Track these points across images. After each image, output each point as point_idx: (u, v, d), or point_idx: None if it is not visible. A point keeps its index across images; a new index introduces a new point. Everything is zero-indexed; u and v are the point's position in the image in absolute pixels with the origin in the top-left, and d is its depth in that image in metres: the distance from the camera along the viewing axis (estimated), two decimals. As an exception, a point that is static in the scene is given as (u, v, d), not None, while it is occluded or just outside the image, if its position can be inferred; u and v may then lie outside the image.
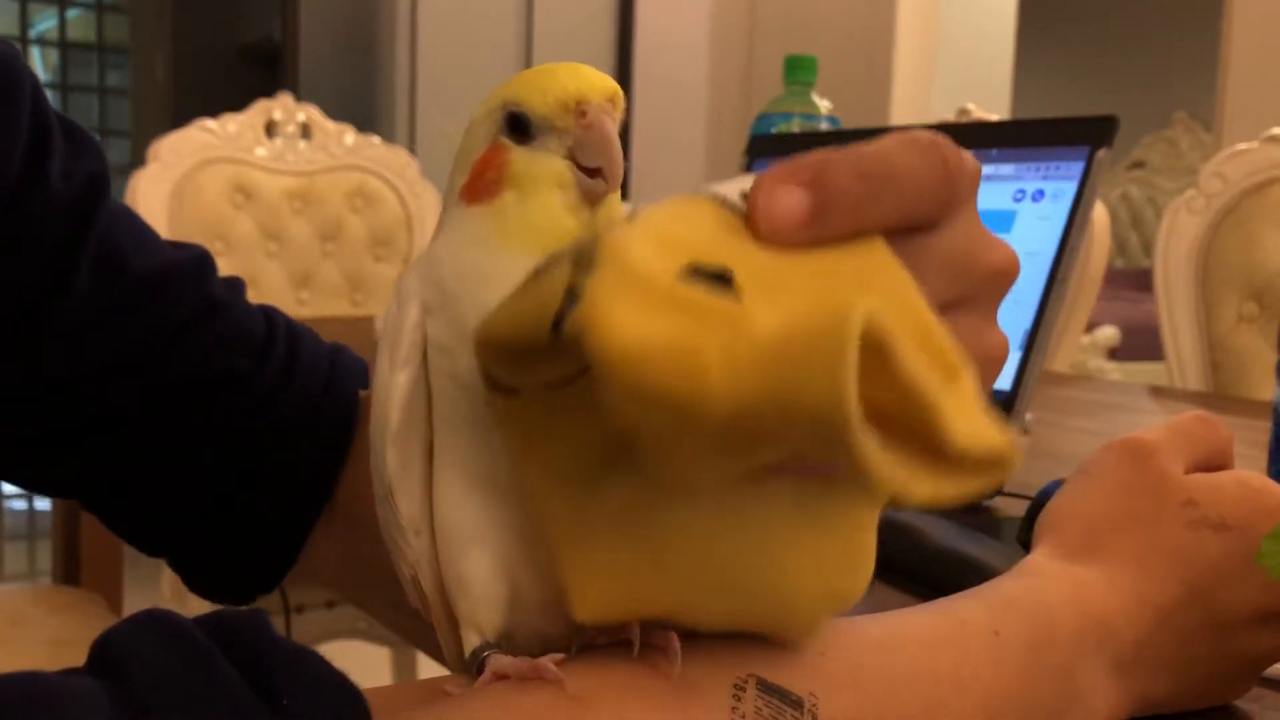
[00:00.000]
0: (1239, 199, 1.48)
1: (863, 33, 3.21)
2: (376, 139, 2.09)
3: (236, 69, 4.04)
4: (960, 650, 0.34)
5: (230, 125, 1.98)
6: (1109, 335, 3.51)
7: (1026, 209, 0.74)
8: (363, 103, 3.18)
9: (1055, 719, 0.35)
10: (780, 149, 0.92)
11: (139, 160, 1.92)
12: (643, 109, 3.32)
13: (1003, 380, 0.70)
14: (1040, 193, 0.74)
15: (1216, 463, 0.43)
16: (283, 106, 2.02)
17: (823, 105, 1.16)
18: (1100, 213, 1.65)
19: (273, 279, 2.02)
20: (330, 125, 2.05)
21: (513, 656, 0.30)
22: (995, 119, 1.57)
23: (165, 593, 1.59)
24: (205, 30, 4.36)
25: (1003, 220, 0.74)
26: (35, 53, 4.86)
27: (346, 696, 0.26)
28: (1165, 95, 5.67)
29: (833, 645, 0.32)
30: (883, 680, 0.32)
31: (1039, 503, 0.44)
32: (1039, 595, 0.37)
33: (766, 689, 0.30)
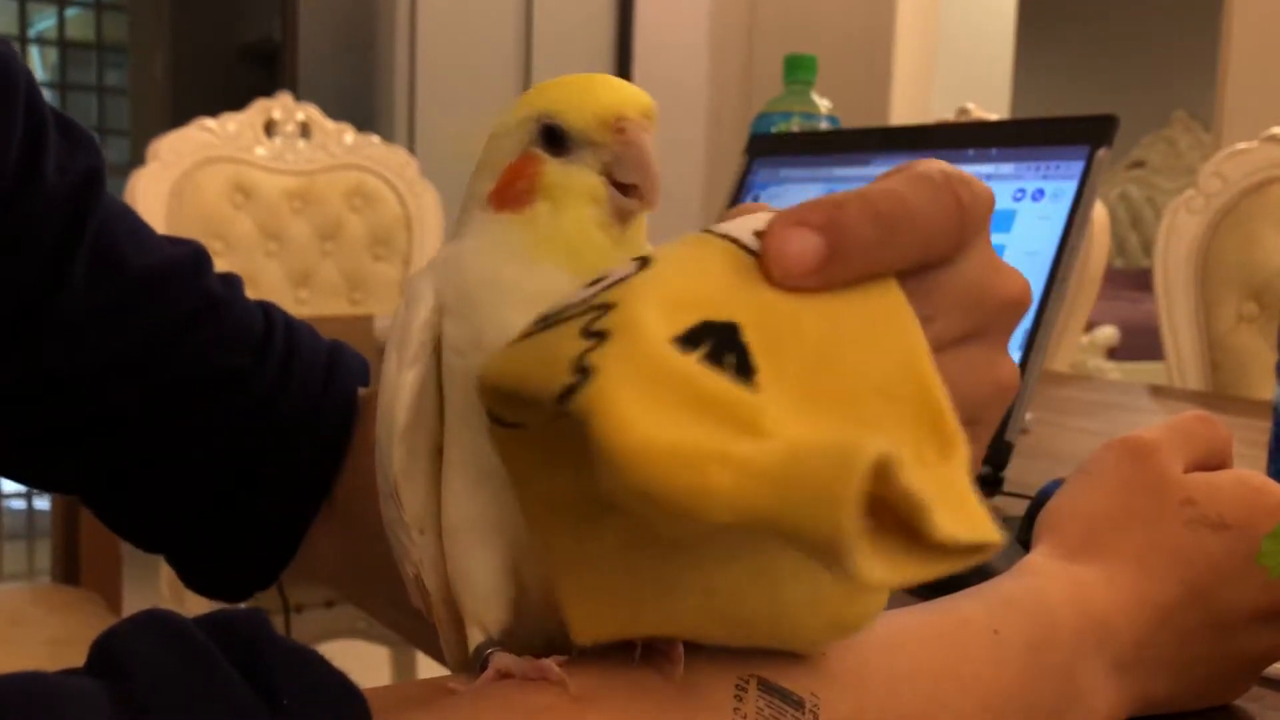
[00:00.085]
0: (1238, 198, 1.48)
1: (862, 32, 3.21)
2: (376, 138, 2.09)
3: (236, 68, 4.04)
4: (960, 650, 0.34)
5: (230, 124, 1.98)
6: (1108, 335, 3.51)
7: (1026, 208, 0.74)
8: (362, 102, 3.18)
9: (1055, 718, 0.35)
10: (780, 148, 0.92)
11: (138, 159, 1.92)
12: (642, 108, 3.31)
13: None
14: (1040, 192, 0.74)
15: (1216, 462, 0.43)
16: (282, 106, 2.02)
17: (822, 104, 1.16)
18: (1099, 212, 1.65)
19: (272, 278, 2.01)
20: (329, 125, 2.05)
21: (516, 655, 0.30)
22: (995, 118, 1.57)
23: (164, 592, 1.59)
24: (204, 29, 4.36)
25: (1002, 220, 0.74)
26: (34, 52, 4.86)
27: (346, 696, 0.26)
28: (1165, 95, 5.67)
29: (834, 645, 0.32)
30: (883, 679, 0.32)
31: (1039, 502, 0.44)
32: (1039, 594, 0.37)
33: (768, 689, 0.30)
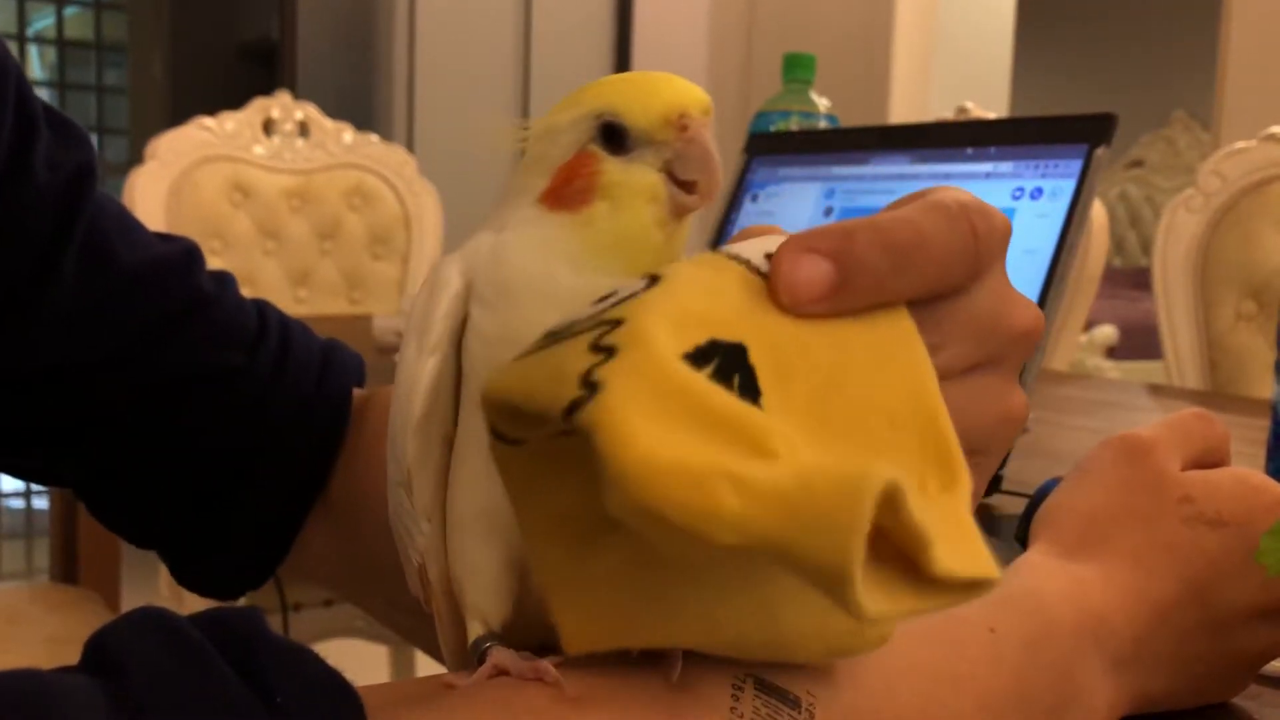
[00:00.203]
0: (1237, 197, 1.48)
1: (861, 31, 3.21)
2: (374, 137, 2.09)
3: (234, 67, 4.04)
4: (957, 648, 0.34)
5: (228, 123, 1.97)
6: (1107, 334, 3.51)
7: (1025, 207, 0.74)
8: (361, 101, 3.18)
9: (1053, 716, 0.35)
10: (778, 147, 0.92)
11: (137, 158, 1.92)
12: (641, 107, 3.32)
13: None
14: (1039, 191, 0.73)
15: (1213, 460, 0.43)
16: (281, 105, 2.02)
17: (821, 103, 1.16)
18: (1098, 211, 1.65)
19: (271, 277, 2.01)
20: (328, 123, 2.05)
21: (514, 651, 0.30)
22: (994, 117, 1.57)
23: (163, 591, 1.59)
24: (203, 28, 4.36)
25: (1001, 218, 0.74)
26: (33, 51, 4.86)
27: (341, 694, 0.26)
28: (1164, 94, 5.67)
29: None
30: (880, 678, 0.32)
31: (1036, 500, 0.43)
32: (1036, 592, 0.37)
33: (764, 688, 0.30)
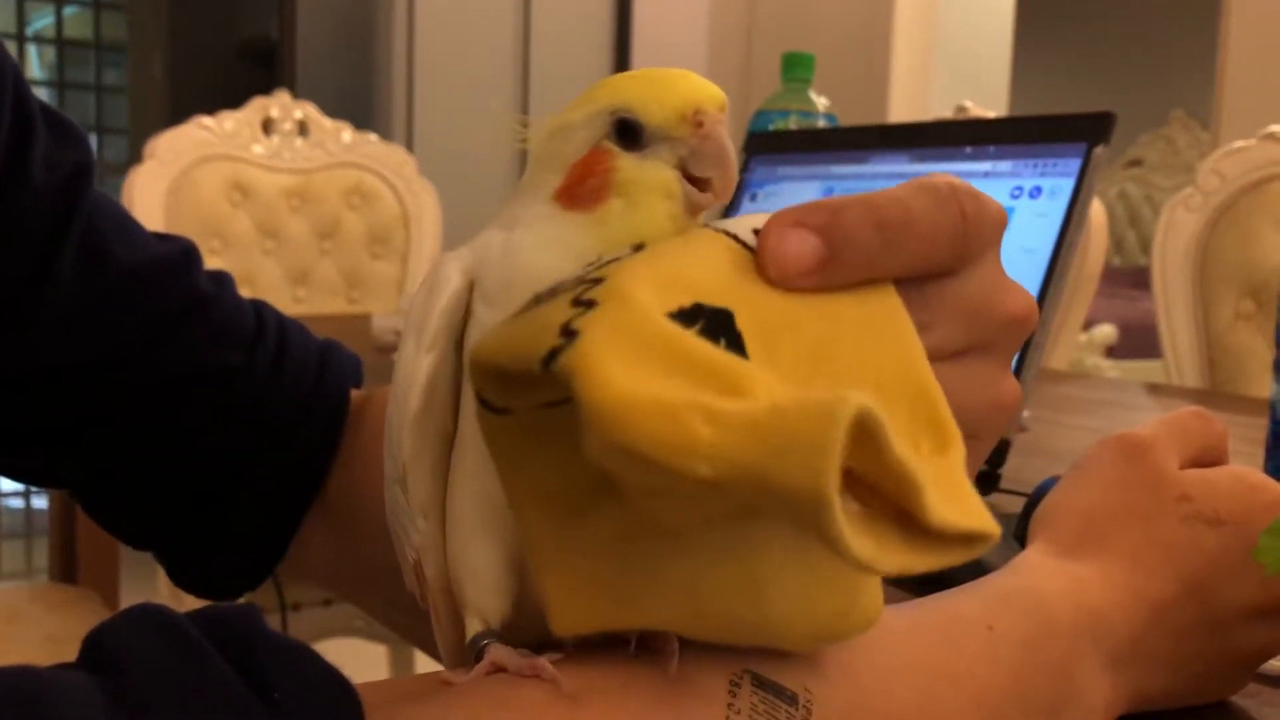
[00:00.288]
0: (1236, 196, 1.48)
1: (860, 30, 3.21)
2: (374, 136, 2.09)
3: (234, 66, 4.04)
4: (955, 646, 0.34)
5: (227, 123, 1.97)
6: (1107, 333, 3.51)
7: (1024, 206, 0.74)
8: (360, 100, 3.18)
9: (1051, 715, 0.35)
10: (777, 146, 0.92)
11: (136, 158, 1.92)
12: (641, 106, 3.32)
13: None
14: (1037, 190, 0.73)
15: (1212, 458, 0.43)
16: (280, 104, 2.02)
17: (820, 102, 1.16)
18: (1097, 210, 1.65)
19: (270, 277, 2.01)
20: (327, 123, 2.05)
21: (512, 648, 0.30)
22: (993, 116, 1.57)
23: (162, 590, 1.59)
24: (202, 28, 4.36)
25: (1000, 217, 0.74)
26: (32, 50, 4.86)
27: (339, 691, 0.26)
28: (1163, 93, 5.67)
29: None
30: (877, 675, 0.32)
31: (1035, 499, 0.43)
32: (1034, 590, 0.37)
33: (761, 684, 0.30)
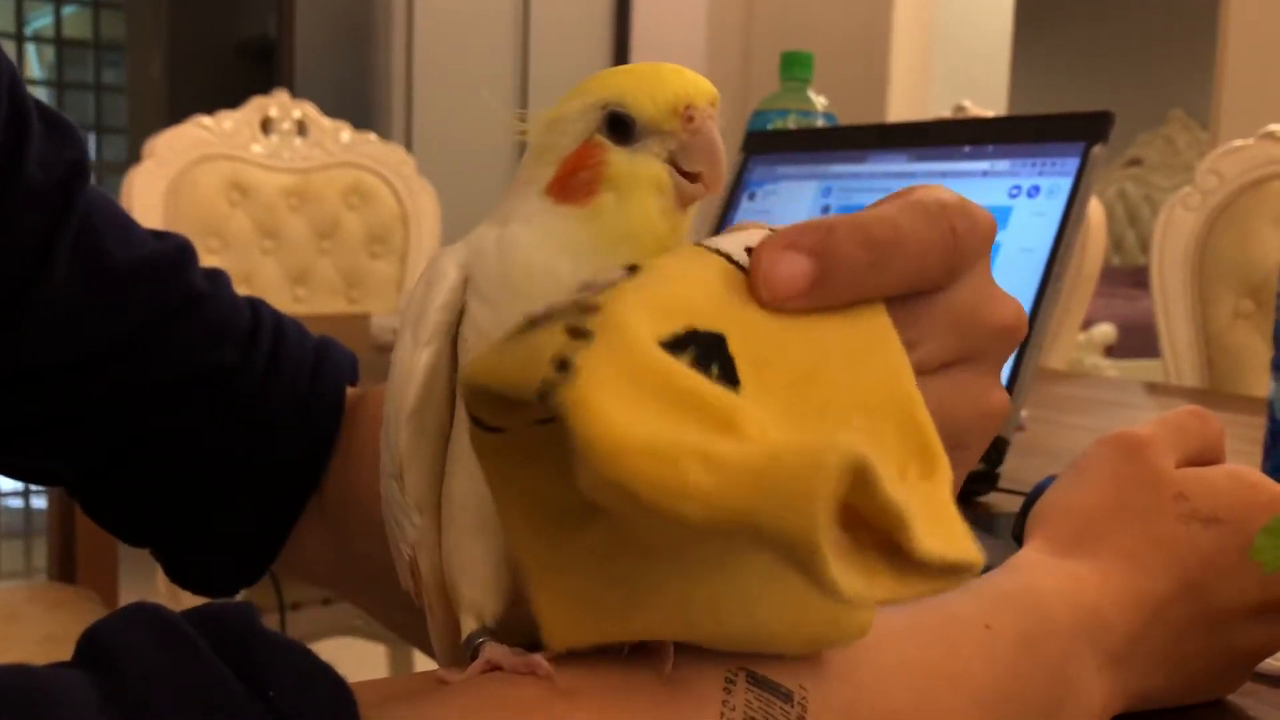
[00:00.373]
0: (1235, 196, 1.48)
1: (859, 29, 3.21)
2: (373, 136, 2.09)
3: (233, 66, 4.04)
4: (951, 644, 0.34)
5: (226, 122, 1.97)
6: (1106, 333, 3.51)
7: (1022, 205, 0.74)
8: (359, 99, 3.18)
9: (1048, 713, 0.35)
10: (776, 145, 0.92)
11: (135, 157, 1.92)
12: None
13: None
14: (1036, 189, 0.74)
15: (1209, 457, 0.43)
16: (279, 103, 2.02)
17: (819, 102, 1.16)
18: (1096, 210, 1.65)
19: (269, 276, 2.01)
20: (326, 122, 2.05)
21: (507, 646, 0.30)
22: (991, 115, 1.57)
23: (161, 590, 1.59)
24: (201, 27, 4.36)
25: (998, 217, 0.74)
26: (31, 49, 4.86)
27: (334, 689, 0.26)
28: (1161, 93, 5.68)
29: None
30: (874, 673, 0.32)
31: (1033, 498, 0.43)
32: (1031, 589, 0.37)
33: (756, 682, 0.30)
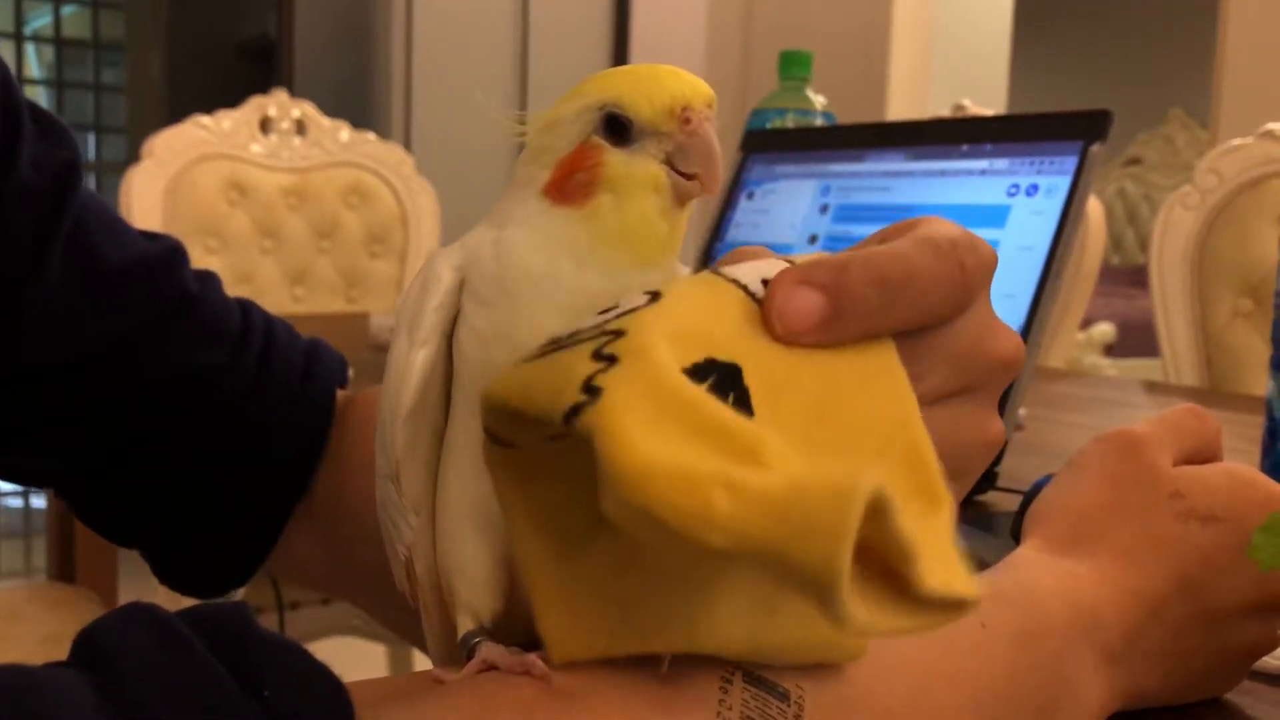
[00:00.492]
0: (1234, 195, 1.48)
1: (858, 28, 3.21)
2: (372, 135, 2.09)
3: (232, 65, 4.04)
4: (948, 643, 0.34)
5: (225, 122, 1.97)
6: (1105, 332, 3.52)
7: (1020, 204, 0.74)
8: (358, 99, 3.18)
9: (1045, 712, 0.35)
10: (775, 144, 0.92)
11: (135, 157, 1.92)
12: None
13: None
14: (1034, 188, 0.73)
15: (1206, 455, 0.43)
16: (278, 103, 2.02)
17: (818, 101, 1.16)
18: (1095, 208, 1.65)
19: (268, 276, 2.01)
20: (325, 121, 2.05)
21: (503, 646, 0.30)
22: (990, 114, 1.57)
23: (160, 590, 1.59)
24: (201, 27, 4.36)
25: (997, 215, 0.74)
26: (30, 49, 4.86)
27: (330, 689, 0.26)
28: (1161, 92, 5.68)
29: None
30: (870, 672, 0.32)
31: (1030, 496, 0.43)
32: (1028, 588, 0.37)
33: (753, 681, 0.30)
